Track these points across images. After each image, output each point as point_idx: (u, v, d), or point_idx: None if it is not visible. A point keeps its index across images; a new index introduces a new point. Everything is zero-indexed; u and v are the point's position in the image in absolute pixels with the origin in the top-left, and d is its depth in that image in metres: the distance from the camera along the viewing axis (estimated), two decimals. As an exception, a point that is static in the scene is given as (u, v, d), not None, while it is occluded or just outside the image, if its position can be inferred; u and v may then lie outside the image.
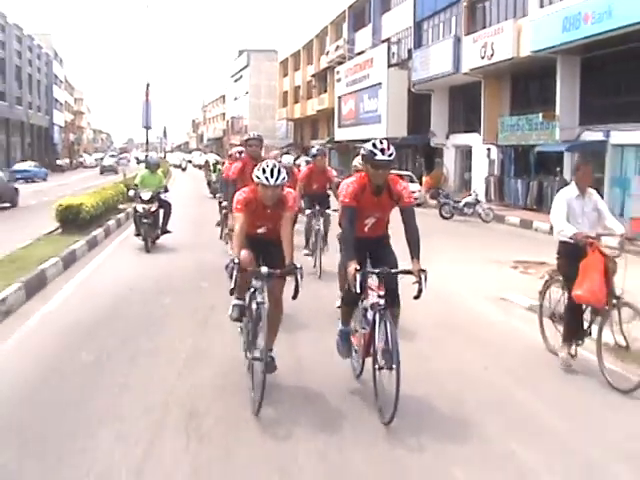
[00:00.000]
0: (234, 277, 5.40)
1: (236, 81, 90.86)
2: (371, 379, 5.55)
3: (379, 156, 5.44)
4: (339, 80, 44.17)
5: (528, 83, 27.30)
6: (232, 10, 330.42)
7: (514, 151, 27.74)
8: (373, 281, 5.53)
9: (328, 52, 49.11)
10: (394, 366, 5.14)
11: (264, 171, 5.64)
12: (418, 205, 23.66)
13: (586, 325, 6.69)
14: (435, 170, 34.35)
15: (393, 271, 5.58)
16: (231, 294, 5.79)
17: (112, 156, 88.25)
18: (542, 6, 23.80)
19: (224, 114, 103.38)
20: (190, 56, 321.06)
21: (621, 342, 6.23)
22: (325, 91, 51.04)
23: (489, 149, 29.46)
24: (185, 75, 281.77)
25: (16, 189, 26.31)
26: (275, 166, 5.68)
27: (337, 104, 44.99)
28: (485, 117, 28.86)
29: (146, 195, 14.53)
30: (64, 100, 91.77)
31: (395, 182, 5.71)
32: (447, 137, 33.80)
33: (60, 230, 15.24)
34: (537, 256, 12.83)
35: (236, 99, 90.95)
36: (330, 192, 11.25)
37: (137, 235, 14.53)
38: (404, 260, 5.64)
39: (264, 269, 5.55)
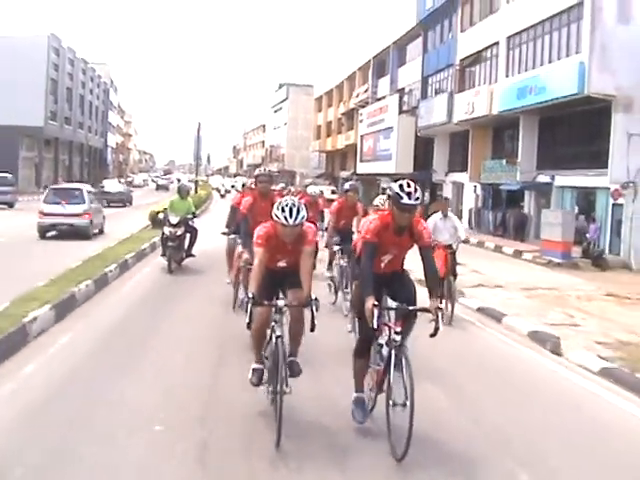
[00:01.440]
0: (249, 311, 5.56)
1: (276, 112, 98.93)
2: (382, 415, 5.74)
3: (405, 200, 5.52)
4: (361, 121, 51.66)
5: (503, 135, 34.27)
6: (275, 45, 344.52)
7: (491, 189, 34.65)
8: (390, 317, 5.79)
9: (357, 94, 56.71)
10: (408, 403, 5.23)
11: (283, 210, 5.74)
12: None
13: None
14: (437, 202, 41.24)
15: (410, 308, 5.74)
16: (248, 328, 5.78)
17: (157, 177, 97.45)
18: (507, 76, 30.95)
19: (263, 142, 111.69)
20: (234, 85, 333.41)
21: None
22: (352, 128, 58.41)
23: (475, 186, 36.36)
24: (228, 103, 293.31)
25: (131, 195, 43.48)
26: (294, 205, 5.78)
27: (359, 141, 52.42)
28: (471, 160, 35.87)
29: (174, 219, 15.66)
30: (116, 124, 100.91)
31: (417, 222, 5.80)
32: (446, 174, 40.70)
33: (150, 226, 23.40)
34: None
35: (275, 129, 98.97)
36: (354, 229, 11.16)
37: (163, 255, 15.68)
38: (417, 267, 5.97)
39: (280, 302, 5.78)
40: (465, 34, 36.23)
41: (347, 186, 11.79)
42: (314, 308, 5.57)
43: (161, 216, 16.35)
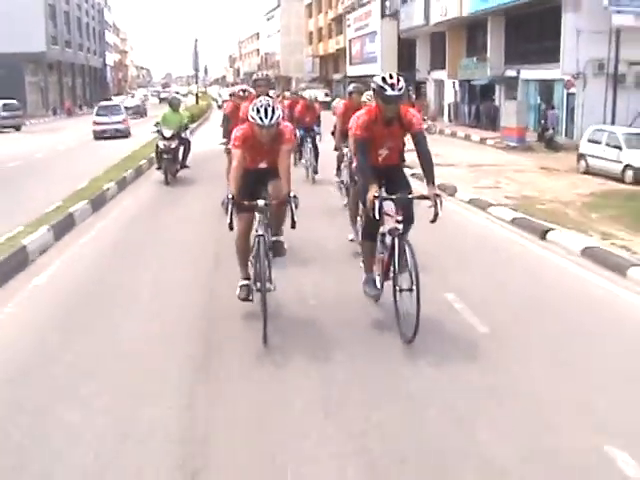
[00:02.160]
0: (229, 211, 5.70)
1: (269, 20, 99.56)
2: (388, 302, 6.08)
3: (389, 91, 5.66)
4: (349, 26, 54.23)
5: (475, 34, 37.12)
6: None
7: (467, 84, 37.78)
8: (390, 207, 5.88)
9: (342, 1, 58.88)
10: (414, 287, 5.48)
11: (258, 111, 5.80)
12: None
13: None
14: (420, 99, 44.42)
15: (410, 196, 5.93)
16: (230, 229, 5.83)
17: (156, 91, 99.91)
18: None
19: (258, 50, 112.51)
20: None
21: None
22: (341, 33, 60.79)
23: (453, 82, 39.49)
24: (223, 12, 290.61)
25: (145, 108, 48.51)
26: (269, 105, 5.82)
27: (348, 46, 55.05)
28: (449, 59, 38.87)
29: (167, 132, 15.89)
30: (113, 42, 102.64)
31: (405, 111, 5.95)
32: (428, 73, 43.70)
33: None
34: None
35: (269, 36, 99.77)
36: None
37: (158, 169, 16.31)
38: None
39: (260, 201, 5.86)
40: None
41: (351, 88, 11.27)
42: (293, 205, 5.74)
43: (153, 129, 16.52)
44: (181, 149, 16.47)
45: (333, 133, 11.54)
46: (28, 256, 8.67)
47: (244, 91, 11.57)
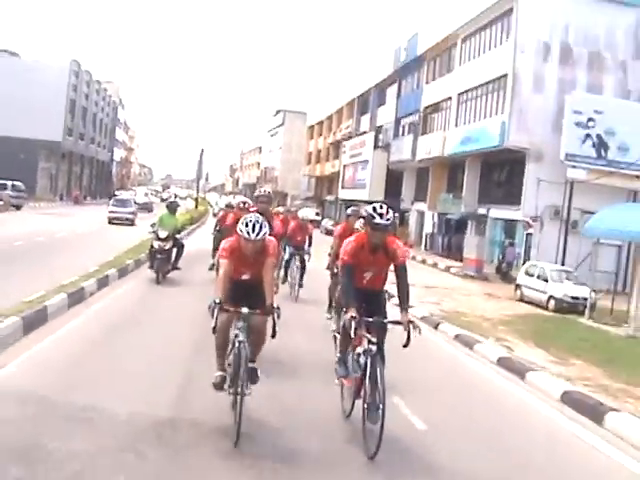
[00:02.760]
0: (215, 316, 6.19)
1: (272, 136, 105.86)
2: (358, 419, 6.50)
3: (377, 219, 6.42)
4: (344, 152, 58.96)
5: (455, 173, 41.42)
6: (274, 73, 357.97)
7: (444, 217, 41.77)
8: (365, 330, 6.45)
9: (342, 129, 64.07)
10: (380, 405, 6.04)
11: (247, 225, 6.39)
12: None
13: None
14: (403, 227, 48.39)
15: (385, 321, 6.61)
16: (214, 332, 6.36)
17: (155, 190, 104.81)
18: (456, 125, 38.23)
19: (259, 163, 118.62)
20: (234, 107, 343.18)
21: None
22: (337, 158, 65.61)
23: (433, 215, 43.51)
24: (227, 123, 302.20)
25: (152, 204, 53.77)
26: (257, 221, 6.41)
27: (342, 170, 59.65)
28: (430, 192, 43.05)
29: (163, 234, 16.76)
30: (122, 139, 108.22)
31: (391, 242, 6.68)
32: (412, 203, 47.79)
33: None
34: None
35: (270, 151, 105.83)
36: None
37: (150, 267, 16.80)
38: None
39: (244, 309, 6.32)
40: (429, 86, 43.66)
41: (349, 211, 11.91)
42: (276, 316, 6.21)
43: (149, 230, 17.27)
44: (174, 251, 17.30)
45: (329, 254, 11.87)
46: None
47: (244, 203, 12.01)
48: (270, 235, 6.69)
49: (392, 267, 6.82)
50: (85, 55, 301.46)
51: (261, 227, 6.38)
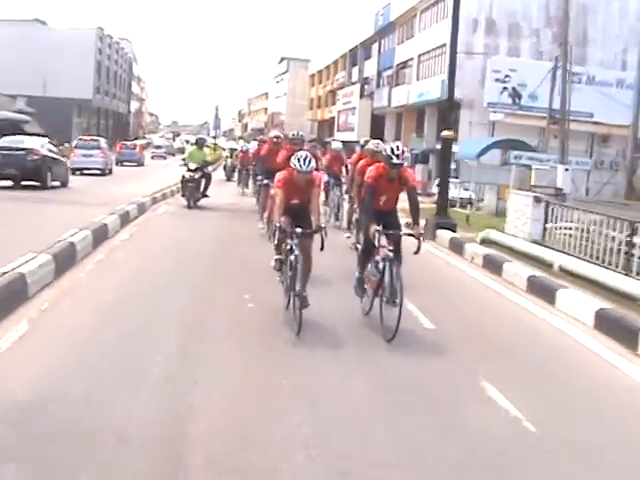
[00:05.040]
0: (277, 236, 8.56)
1: (277, 82, 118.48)
2: (377, 315, 8.34)
3: (394, 160, 8.26)
4: (338, 100, 73.04)
5: (422, 117, 55.33)
6: (278, 21, 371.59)
7: (415, 153, 55.94)
8: (384, 240, 8.32)
9: (337, 79, 78.02)
10: (397, 300, 7.88)
11: (299, 160, 8.30)
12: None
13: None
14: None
15: (401, 233, 8.59)
16: (275, 249, 8.97)
17: (168, 139, 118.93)
18: (417, 80, 52.21)
19: (266, 108, 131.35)
20: (240, 55, 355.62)
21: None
22: (334, 104, 79.41)
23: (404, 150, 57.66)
24: (234, 70, 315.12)
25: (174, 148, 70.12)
26: (307, 157, 8.35)
27: (337, 116, 73.79)
28: (403, 133, 57.20)
29: (192, 166, 20.78)
30: (136, 92, 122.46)
31: (404, 171, 8.61)
32: (393, 142, 61.65)
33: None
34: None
35: (277, 97, 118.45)
36: None
37: (183, 196, 21.18)
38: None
39: (298, 229, 8.25)
40: (400, 47, 57.54)
41: (362, 141, 15.04)
42: (323, 233, 8.18)
43: (180, 163, 21.87)
44: (203, 181, 21.30)
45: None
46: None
47: (277, 137, 16.05)
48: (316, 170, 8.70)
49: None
50: (99, 12, 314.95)
51: (310, 161, 8.33)
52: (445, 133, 18.13)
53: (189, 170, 20.77)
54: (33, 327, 7.56)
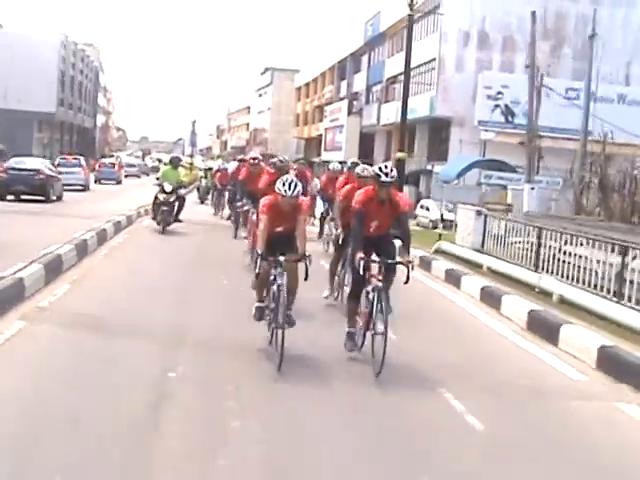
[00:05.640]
0: (258, 265, 9.22)
1: (260, 96, 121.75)
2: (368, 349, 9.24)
3: (383, 178, 9.07)
4: (326, 117, 77.00)
5: (413, 136, 59.03)
6: (261, 28, 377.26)
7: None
8: (375, 269, 9.24)
9: (324, 94, 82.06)
10: (385, 330, 8.81)
11: (284, 184, 9.15)
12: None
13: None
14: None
15: (389, 261, 9.35)
16: (256, 277, 9.62)
17: (137, 157, 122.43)
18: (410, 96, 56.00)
19: (248, 124, 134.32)
20: (219, 65, 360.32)
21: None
22: (321, 120, 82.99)
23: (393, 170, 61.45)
24: (212, 82, 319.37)
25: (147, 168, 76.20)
26: (293, 181, 9.24)
27: (324, 134, 77.74)
28: (394, 152, 60.70)
29: (168, 187, 21.90)
30: (102, 105, 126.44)
31: (395, 194, 9.52)
32: (383, 162, 65.38)
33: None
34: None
35: (260, 112, 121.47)
36: None
37: (153, 219, 22.43)
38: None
39: (281, 257, 9.11)
40: (390, 60, 61.56)
41: (349, 164, 16.10)
42: (307, 262, 9.01)
43: (154, 182, 23.43)
44: (176, 205, 22.50)
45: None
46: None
47: (255, 159, 17.85)
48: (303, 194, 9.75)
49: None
50: (63, 17, 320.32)
51: (296, 186, 9.20)
52: (399, 155, 21.38)
53: (163, 192, 22.06)
54: (73, 286, 13.17)
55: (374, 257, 9.40)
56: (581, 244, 14.77)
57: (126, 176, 66.07)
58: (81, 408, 7.14)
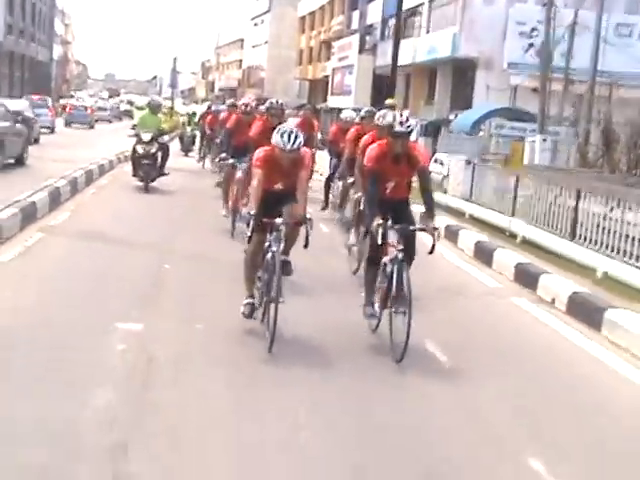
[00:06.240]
0: (251, 226, 9.66)
1: (256, 25, 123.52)
2: (383, 328, 10.01)
3: (397, 128, 9.65)
4: (333, 54, 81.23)
5: (433, 80, 63.24)
6: None
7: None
8: (393, 238, 9.77)
9: (332, 26, 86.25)
10: (407, 310, 9.27)
11: (282, 136, 9.65)
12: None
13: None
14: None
15: (411, 228, 9.85)
16: (248, 242, 10.19)
17: (102, 98, 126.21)
18: (427, 32, 60.90)
19: (241, 61, 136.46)
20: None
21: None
22: (329, 59, 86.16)
23: (416, 121, 65.98)
24: (197, 6, 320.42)
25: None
26: (292, 131, 9.77)
27: (331, 74, 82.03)
28: (412, 100, 65.44)
29: (146, 136, 22.67)
30: (60, 33, 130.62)
31: (412, 148, 10.12)
32: (401, 111, 69.61)
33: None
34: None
35: (255, 47, 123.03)
36: None
37: (134, 175, 23.59)
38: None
39: (278, 220, 9.65)
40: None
41: (363, 113, 17.18)
42: (308, 227, 9.57)
43: (130, 132, 24.94)
44: (159, 155, 23.57)
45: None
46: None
47: (246, 106, 18.70)
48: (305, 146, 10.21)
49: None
50: None
51: (296, 137, 9.74)
52: (388, 101, 25.25)
53: (141, 142, 23.33)
54: (73, 214, 18.86)
55: (393, 224, 10.03)
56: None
57: (96, 120, 74.02)
58: (107, 274, 13.18)
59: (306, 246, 9.77)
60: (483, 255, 17.57)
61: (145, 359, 9.01)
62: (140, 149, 23.07)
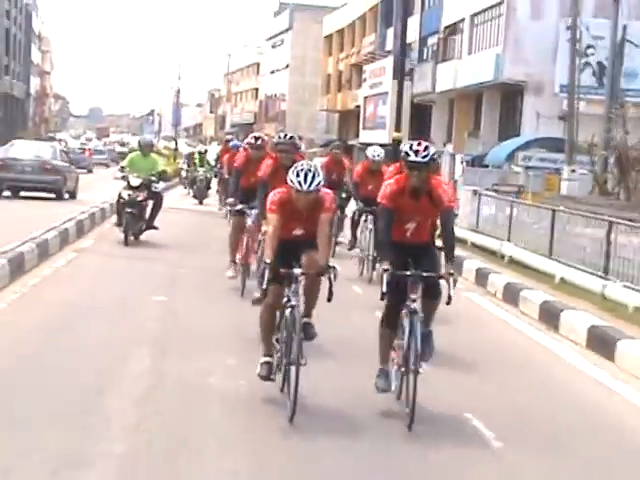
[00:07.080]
0: (265, 277, 10.22)
1: (274, 47, 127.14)
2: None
3: (412, 157, 10.19)
4: (365, 80, 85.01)
5: (479, 108, 66.71)
6: None
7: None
8: (412, 287, 10.40)
9: (364, 45, 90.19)
10: (413, 367, 10.07)
11: (298, 175, 10.27)
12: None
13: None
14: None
15: (424, 274, 10.32)
16: (263, 295, 11.05)
17: (87, 139, 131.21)
18: (469, 53, 65.65)
19: (257, 90, 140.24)
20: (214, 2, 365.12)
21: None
22: (361, 86, 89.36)
23: (461, 157, 69.79)
24: (204, 27, 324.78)
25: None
26: (310, 170, 10.34)
27: (362, 104, 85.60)
28: (455, 131, 69.01)
29: (135, 181, 23.60)
30: (37, 62, 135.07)
31: (437, 185, 10.63)
32: (444, 145, 70.46)
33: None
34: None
35: (273, 72, 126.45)
36: None
37: (118, 225, 24.36)
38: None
39: (297, 270, 10.25)
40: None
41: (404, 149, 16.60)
42: (332, 276, 10.08)
43: (118, 175, 27.03)
44: (150, 204, 24.63)
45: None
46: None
47: (257, 139, 19.11)
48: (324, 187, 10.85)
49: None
50: None
51: (314, 176, 10.33)
52: (395, 135, 29.74)
53: (129, 187, 24.25)
54: (96, 241, 26.58)
55: (407, 271, 10.50)
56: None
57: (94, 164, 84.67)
58: (139, 273, 21.13)
59: (329, 299, 10.31)
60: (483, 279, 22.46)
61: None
62: (125, 195, 23.98)
